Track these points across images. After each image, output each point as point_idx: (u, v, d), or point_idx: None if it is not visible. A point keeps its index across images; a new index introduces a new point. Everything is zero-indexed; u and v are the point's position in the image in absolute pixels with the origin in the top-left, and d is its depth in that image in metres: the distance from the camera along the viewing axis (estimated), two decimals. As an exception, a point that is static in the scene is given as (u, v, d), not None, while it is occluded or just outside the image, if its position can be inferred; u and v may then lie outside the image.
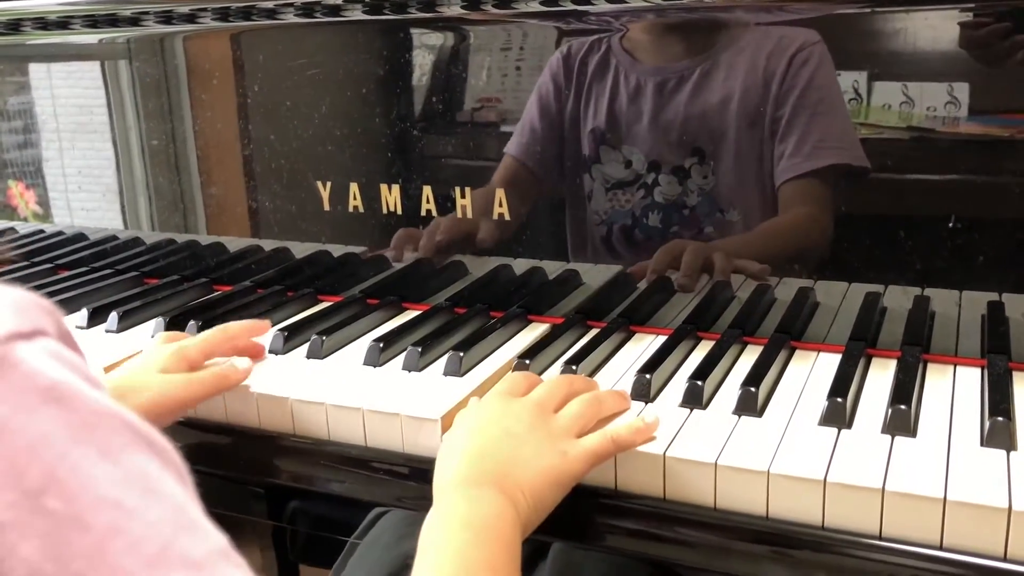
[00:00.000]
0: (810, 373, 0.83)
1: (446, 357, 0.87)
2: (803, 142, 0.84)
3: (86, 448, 0.35)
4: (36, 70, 1.22)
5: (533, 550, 0.83)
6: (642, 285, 0.95)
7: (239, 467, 0.85)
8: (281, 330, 0.95)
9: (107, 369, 0.88)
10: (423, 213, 1.01)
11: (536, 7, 0.90)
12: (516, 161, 0.96)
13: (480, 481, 0.63)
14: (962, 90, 0.79)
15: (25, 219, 1.30)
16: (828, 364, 0.83)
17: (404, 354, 0.88)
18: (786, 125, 0.85)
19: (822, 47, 0.82)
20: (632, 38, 0.90)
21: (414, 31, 0.97)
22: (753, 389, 0.75)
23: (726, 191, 0.88)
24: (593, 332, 0.94)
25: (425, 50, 0.98)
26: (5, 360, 0.35)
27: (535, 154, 0.96)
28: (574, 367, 0.83)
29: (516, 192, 0.97)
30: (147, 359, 0.82)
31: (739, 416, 0.74)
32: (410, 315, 1.02)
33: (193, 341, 0.85)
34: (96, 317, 1.05)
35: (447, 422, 0.76)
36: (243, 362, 0.84)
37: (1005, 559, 0.59)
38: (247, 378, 0.83)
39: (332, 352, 0.93)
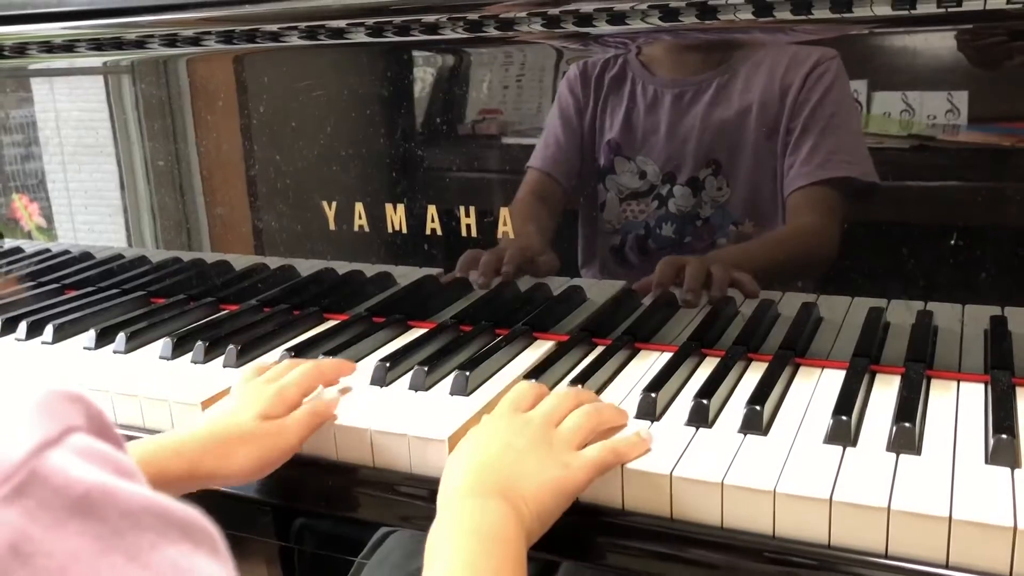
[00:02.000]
0: (814, 390, 0.83)
1: (452, 376, 0.87)
2: (814, 153, 0.85)
3: (114, 556, 0.34)
4: (40, 89, 1.23)
5: (542, 568, 0.83)
6: (647, 301, 0.95)
7: (246, 486, 0.86)
8: (288, 350, 0.95)
9: (205, 405, 0.86)
10: (428, 232, 1.02)
11: (537, 29, 0.91)
12: (542, 173, 0.97)
13: (485, 492, 0.65)
14: (961, 99, 0.79)
15: (29, 233, 1.31)
16: (832, 381, 0.84)
17: (410, 373, 0.89)
18: (798, 136, 0.85)
19: (838, 63, 0.82)
20: (648, 52, 0.90)
21: (416, 53, 0.98)
22: (758, 408, 0.75)
23: (740, 203, 0.89)
24: (599, 350, 0.94)
25: (427, 71, 0.99)
26: (37, 476, 0.33)
27: (561, 165, 0.96)
28: (580, 386, 0.83)
29: (545, 205, 0.98)
30: (249, 402, 0.79)
31: (744, 435, 0.74)
32: (416, 333, 1.02)
33: (291, 380, 0.82)
34: (104, 338, 1.05)
35: (454, 442, 0.76)
36: (331, 392, 0.86)
37: (1011, 578, 0.60)
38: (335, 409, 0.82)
39: (339, 372, 0.93)
